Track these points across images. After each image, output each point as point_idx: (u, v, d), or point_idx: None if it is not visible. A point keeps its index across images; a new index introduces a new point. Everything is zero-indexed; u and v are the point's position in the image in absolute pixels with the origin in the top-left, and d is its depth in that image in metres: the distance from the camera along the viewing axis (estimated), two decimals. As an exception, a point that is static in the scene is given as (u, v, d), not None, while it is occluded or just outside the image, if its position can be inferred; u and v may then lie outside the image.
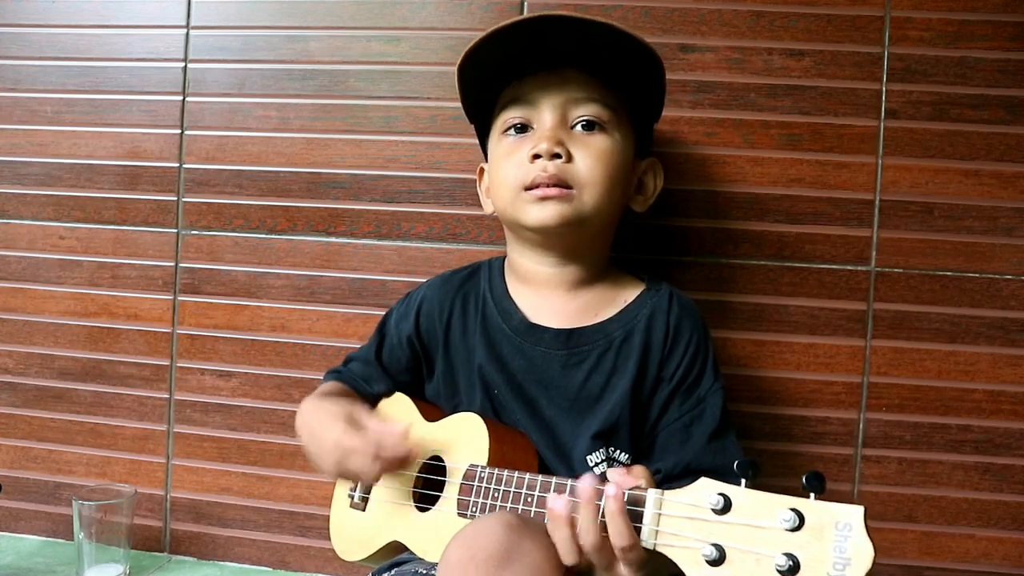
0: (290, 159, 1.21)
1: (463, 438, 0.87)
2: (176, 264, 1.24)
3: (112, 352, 1.26)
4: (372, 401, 1.00)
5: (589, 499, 0.68)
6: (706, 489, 0.61)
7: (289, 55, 1.21)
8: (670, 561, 0.62)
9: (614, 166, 0.88)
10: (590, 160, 0.87)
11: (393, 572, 0.86)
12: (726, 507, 0.60)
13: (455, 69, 0.90)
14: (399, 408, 0.98)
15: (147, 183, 1.25)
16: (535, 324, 0.92)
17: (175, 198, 1.24)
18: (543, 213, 0.87)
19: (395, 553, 0.90)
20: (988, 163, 1.09)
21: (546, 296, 0.93)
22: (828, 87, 1.10)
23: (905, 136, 1.10)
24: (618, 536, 0.65)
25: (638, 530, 0.65)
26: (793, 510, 0.56)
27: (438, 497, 0.86)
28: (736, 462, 0.61)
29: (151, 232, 1.25)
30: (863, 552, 0.54)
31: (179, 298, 1.24)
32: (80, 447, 1.27)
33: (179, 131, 1.23)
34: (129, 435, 1.26)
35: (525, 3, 1.15)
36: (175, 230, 1.24)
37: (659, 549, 0.63)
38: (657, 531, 0.63)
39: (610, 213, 0.91)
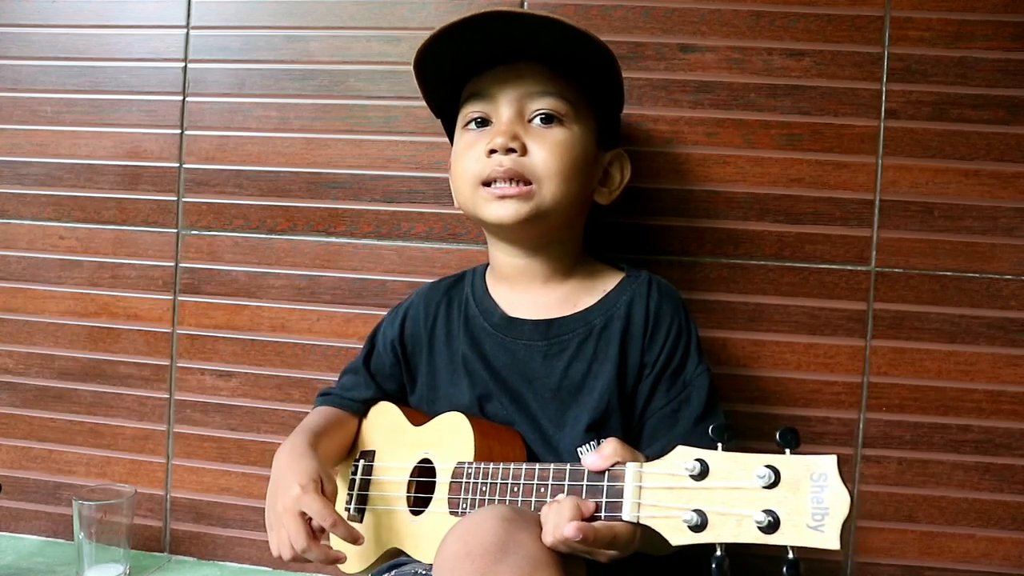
0: (290, 159, 1.21)
1: (449, 437, 0.87)
2: (176, 264, 1.24)
3: (112, 352, 1.26)
4: (361, 409, 1.01)
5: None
6: (683, 456, 0.62)
7: (289, 55, 1.21)
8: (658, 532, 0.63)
9: (572, 158, 0.88)
10: (545, 153, 0.87)
11: (392, 574, 0.86)
12: (703, 472, 0.60)
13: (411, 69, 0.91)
14: (386, 415, 0.99)
15: (147, 183, 1.24)
16: (514, 318, 0.93)
17: (175, 198, 1.24)
18: (501, 211, 0.88)
19: (393, 559, 0.90)
20: (988, 163, 1.08)
21: (522, 290, 0.94)
22: (828, 87, 1.10)
23: (905, 136, 1.09)
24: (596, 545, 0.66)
25: (619, 505, 0.65)
26: (768, 467, 0.57)
27: (431, 499, 0.87)
28: (711, 427, 0.61)
29: (151, 232, 1.25)
30: (840, 500, 0.54)
31: (179, 298, 1.24)
32: (80, 447, 1.27)
33: (179, 131, 1.23)
34: (129, 435, 1.26)
35: (525, 4, 1.15)
36: (175, 230, 1.24)
37: (643, 522, 0.64)
38: (639, 504, 0.64)
39: (571, 205, 0.90)
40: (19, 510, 1.29)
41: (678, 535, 0.60)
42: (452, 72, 0.92)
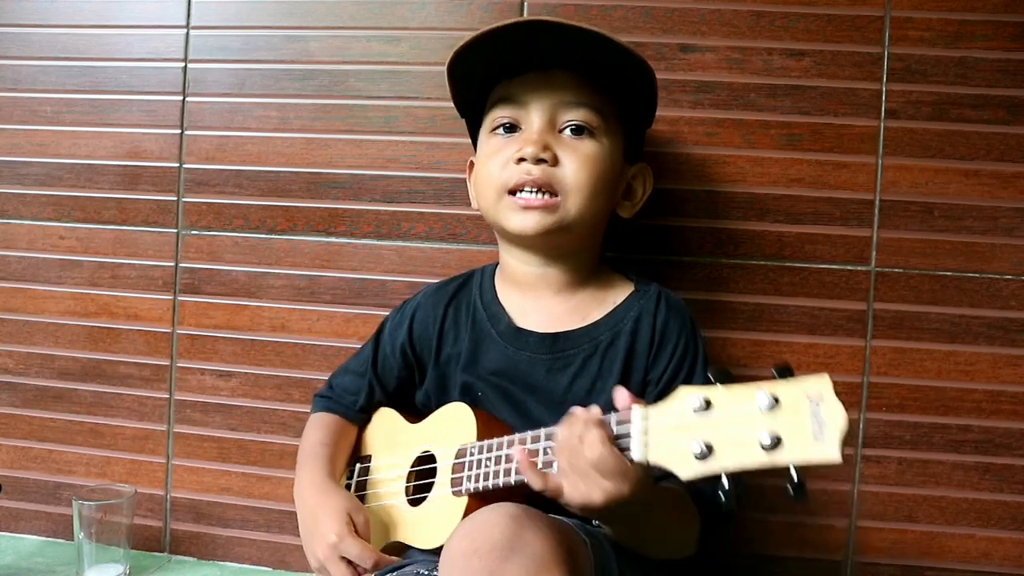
0: (290, 159, 1.21)
1: (450, 426, 0.88)
2: (176, 264, 1.24)
3: (112, 352, 1.26)
4: (365, 418, 1.01)
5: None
6: (687, 395, 0.64)
7: (289, 55, 1.21)
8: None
9: (600, 173, 0.88)
10: (575, 166, 0.86)
11: (394, 574, 0.86)
12: (707, 406, 0.63)
13: (445, 68, 0.90)
14: (384, 420, 0.99)
15: (147, 183, 1.25)
16: (521, 328, 0.92)
17: (175, 198, 1.24)
18: (525, 222, 0.87)
19: (394, 555, 0.90)
20: (988, 163, 1.09)
21: (533, 299, 0.94)
22: (828, 87, 1.10)
23: (905, 136, 1.10)
24: (589, 447, 0.67)
25: (627, 447, 0.67)
26: (767, 393, 0.60)
27: (431, 486, 0.87)
28: (709, 370, 0.64)
29: (151, 232, 1.25)
30: (837, 413, 0.58)
31: (179, 298, 1.24)
32: (80, 447, 1.27)
33: (179, 131, 1.23)
34: (129, 435, 1.26)
35: (525, 3, 1.15)
36: (175, 230, 1.24)
37: (652, 462, 0.66)
38: (647, 442, 0.66)
39: (594, 218, 0.90)
40: (19, 510, 1.29)
41: (685, 466, 0.62)
42: (482, 74, 0.91)
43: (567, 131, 0.88)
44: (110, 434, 1.26)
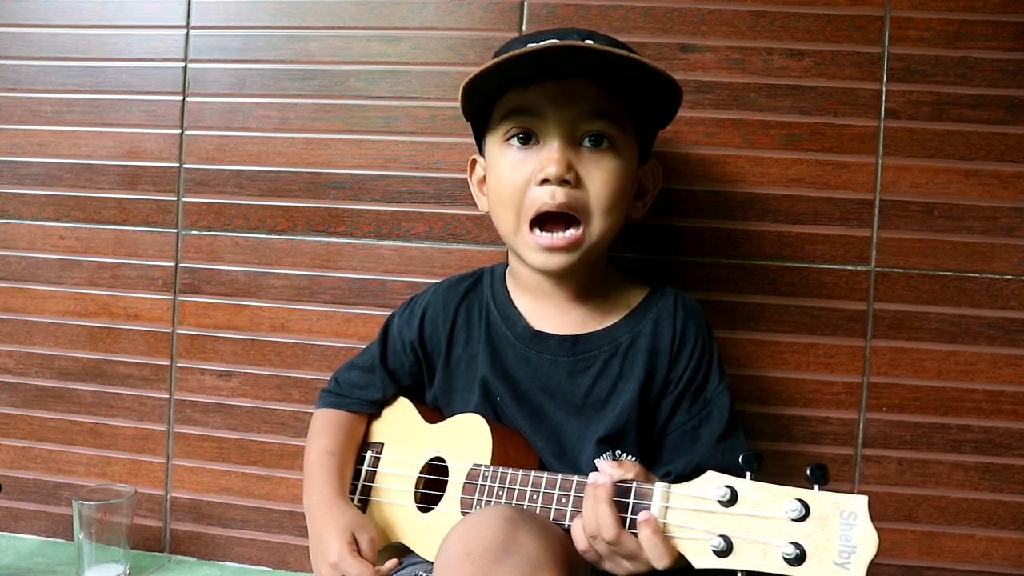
0: (290, 159, 1.21)
1: (465, 438, 0.87)
2: (176, 264, 1.24)
3: (112, 352, 1.26)
4: (376, 411, 1.01)
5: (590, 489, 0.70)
6: (713, 482, 0.63)
7: (289, 55, 1.21)
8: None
9: (622, 186, 0.86)
10: (598, 186, 0.84)
11: (394, 574, 0.86)
12: (733, 499, 0.61)
13: (460, 88, 0.85)
14: (398, 409, 0.99)
15: (147, 183, 1.24)
16: (539, 331, 0.91)
17: (175, 198, 1.24)
18: (549, 262, 0.86)
19: (396, 555, 0.90)
20: (988, 163, 1.08)
21: (547, 304, 0.93)
22: (828, 87, 1.10)
23: (905, 136, 1.10)
24: (604, 528, 0.67)
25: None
26: (799, 500, 0.58)
27: (440, 497, 0.87)
28: (741, 456, 0.62)
29: (151, 232, 1.25)
30: (868, 540, 0.55)
31: (179, 298, 1.24)
32: (80, 447, 1.27)
33: (179, 131, 1.23)
34: (129, 435, 1.26)
35: (525, 4, 1.15)
36: (175, 230, 1.24)
37: None
38: (664, 523, 0.64)
39: (614, 231, 0.88)
40: (19, 510, 1.29)
41: (702, 559, 0.61)
42: (496, 84, 0.86)
43: (586, 141, 0.85)
44: (110, 434, 1.26)
